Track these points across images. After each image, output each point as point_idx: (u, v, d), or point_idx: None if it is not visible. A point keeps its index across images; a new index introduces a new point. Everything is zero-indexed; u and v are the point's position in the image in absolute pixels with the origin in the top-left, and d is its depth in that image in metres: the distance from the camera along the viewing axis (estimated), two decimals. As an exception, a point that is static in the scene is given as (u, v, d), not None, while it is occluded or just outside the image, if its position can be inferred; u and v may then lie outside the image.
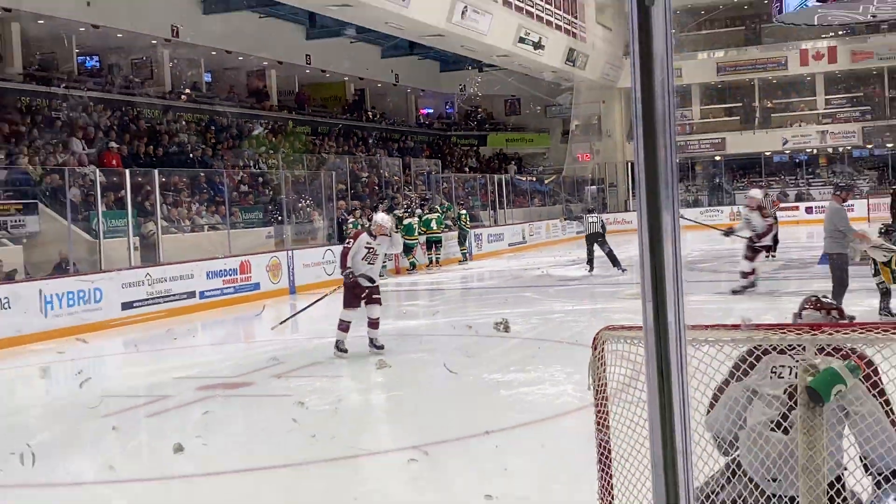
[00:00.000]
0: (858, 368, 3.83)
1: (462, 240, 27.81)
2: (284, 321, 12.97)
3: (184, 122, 27.77)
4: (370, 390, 9.80)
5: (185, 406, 9.52)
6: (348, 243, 12.01)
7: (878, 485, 4.34)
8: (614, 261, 20.86)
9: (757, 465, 4.36)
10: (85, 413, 9.20)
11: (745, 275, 16.29)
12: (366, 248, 11.77)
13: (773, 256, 21.78)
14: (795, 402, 4.38)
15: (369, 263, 11.84)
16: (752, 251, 16.34)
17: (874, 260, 12.12)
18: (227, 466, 7.20)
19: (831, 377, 3.71)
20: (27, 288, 15.10)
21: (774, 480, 4.37)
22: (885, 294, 12.27)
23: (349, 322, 11.71)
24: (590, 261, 21.74)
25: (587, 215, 23.13)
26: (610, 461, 4.21)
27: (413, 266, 24.69)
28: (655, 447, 2.23)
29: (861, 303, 12.93)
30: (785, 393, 4.37)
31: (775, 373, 4.46)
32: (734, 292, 16.11)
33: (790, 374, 4.44)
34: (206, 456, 7.40)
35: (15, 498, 6.70)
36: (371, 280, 11.92)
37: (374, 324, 11.82)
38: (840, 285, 12.28)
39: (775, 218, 20.88)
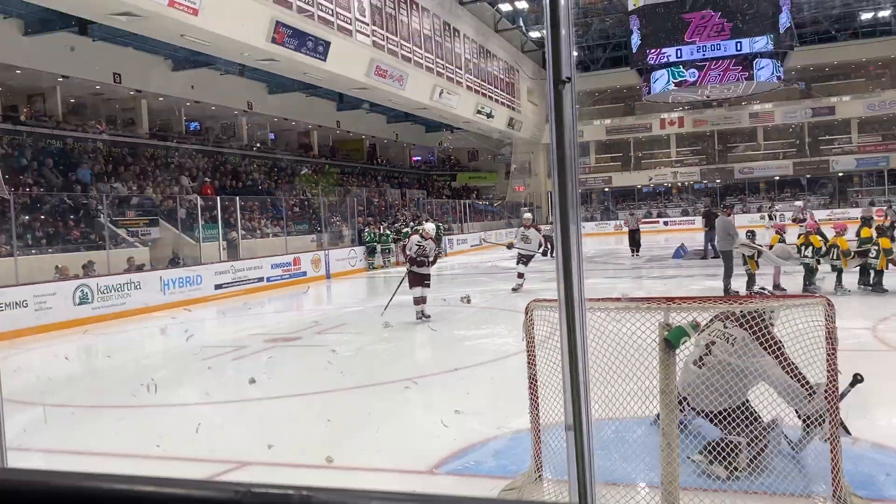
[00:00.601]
0: (698, 326, 3.85)
1: (439, 243, 27.81)
2: (385, 307, 11.57)
3: (256, 165, 27.74)
4: (379, 342, 9.78)
5: (257, 353, 9.48)
6: (405, 242, 11.56)
7: (806, 424, 4.28)
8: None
9: (683, 385, 4.40)
10: (190, 358, 9.15)
11: (520, 275, 14.83)
12: (416, 245, 10.92)
13: (638, 255, 21.88)
14: (710, 350, 4.43)
15: (419, 259, 10.99)
16: (527, 259, 15.19)
17: (744, 255, 12.28)
18: (283, 392, 7.19)
19: (680, 332, 3.73)
20: (151, 276, 15.07)
21: (687, 398, 4.42)
22: (811, 271, 12.09)
23: (419, 297, 10.90)
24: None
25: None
26: (536, 387, 4.23)
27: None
28: (566, 377, 2.24)
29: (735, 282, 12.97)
30: (705, 343, 4.44)
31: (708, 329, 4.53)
32: (513, 290, 14.41)
33: (712, 332, 4.50)
34: (270, 385, 7.39)
35: (145, 414, 6.66)
36: (423, 269, 10.98)
37: (421, 300, 10.97)
38: (729, 271, 12.38)
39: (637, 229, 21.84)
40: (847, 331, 7.78)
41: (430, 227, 11.62)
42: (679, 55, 29.58)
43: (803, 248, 12.18)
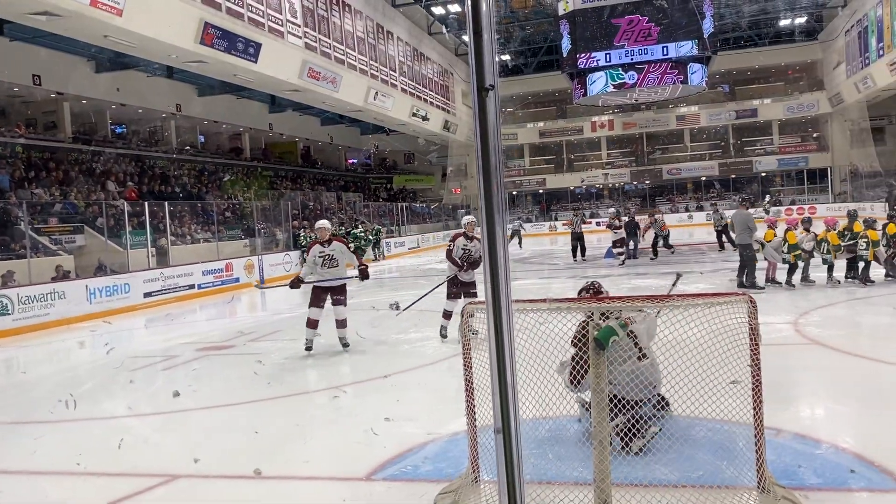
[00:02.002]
0: (626, 325, 3.92)
1: (377, 245, 27.73)
2: (408, 307, 10.36)
3: (185, 169, 27.06)
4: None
5: (188, 362, 9.21)
6: (450, 245, 9.31)
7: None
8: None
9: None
10: (114, 371, 8.84)
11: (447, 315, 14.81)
12: (463, 249, 9.26)
13: (584, 259, 21.75)
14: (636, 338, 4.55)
15: (468, 263, 9.28)
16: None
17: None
18: (210, 403, 7.01)
19: (609, 331, 3.78)
20: (76, 285, 14.52)
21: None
22: (793, 268, 12.17)
23: (451, 311, 9.11)
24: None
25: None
26: (472, 390, 4.21)
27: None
28: (494, 380, 2.23)
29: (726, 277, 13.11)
30: (631, 335, 4.59)
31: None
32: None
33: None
34: (197, 397, 7.20)
35: (65, 430, 6.38)
36: (471, 278, 9.29)
37: (447, 316, 9.29)
38: (751, 266, 12.14)
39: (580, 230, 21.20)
40: (770, 326, 8.07)
41: (470, 219, 9.63)
42: (608, 59, 30.22)
43: (782, 243, 12.34)
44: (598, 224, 41.04)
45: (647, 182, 45.22)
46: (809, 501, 3.75)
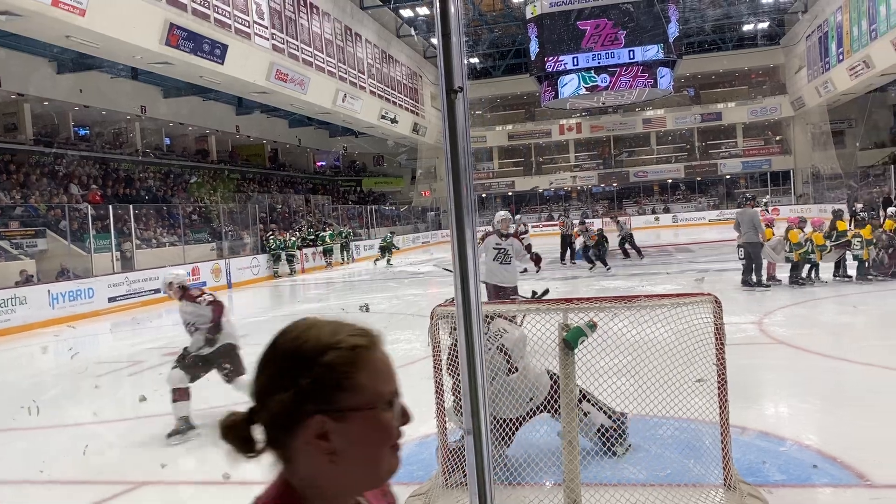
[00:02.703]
0: (594, 326, 3.94)
1: (346, 248, 27.70)
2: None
3: (150, 172, 26.68)
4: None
5: (154, 367, 9.07)
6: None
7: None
8: None
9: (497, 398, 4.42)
10: (78, 376, 8.68)
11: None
12: (495, 249, 8.21)
13: (573, 262, 21.34)
14: (507, 352, 4.45)
15: (500, 263, 8.20)
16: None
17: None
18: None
19: (578, 332, 3.79)
20: (38, 290, 14.25)
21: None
22: (794, 266, 12.25)
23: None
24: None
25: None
26: (442, 392, 4.21)
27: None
28: (464, 381, 2.23)
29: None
30: (502, 350, 4.46)
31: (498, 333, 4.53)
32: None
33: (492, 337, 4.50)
34: (164, 402, 7.09)
35: (28, 438, 6.25)
36: (508, 282, 8.21)
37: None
38: (758, 264, 12.15)
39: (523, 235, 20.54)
40: (735, 325, 8.20)
41: (504, 214, 8.60)
42: (576, 63, 30.47)
43: (784, 241, 12.49)
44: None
45: (614, 184, 45.67)
46: (774, 497, 3.82)
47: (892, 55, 26.63)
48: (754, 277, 12.21)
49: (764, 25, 40.16)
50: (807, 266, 12.36)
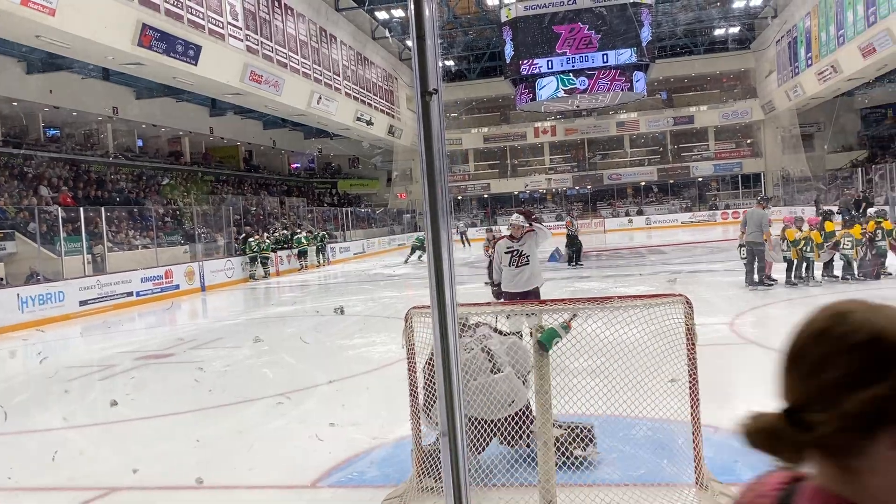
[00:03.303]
0: (568, 327, 3.96)
1: (322, 250, 27.61)
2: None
3: (122, 174, 26.35)
4: (252, 357, 9.43)
5: (126, 371, 8.96)
6: (490, 256, 7.95)
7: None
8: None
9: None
10: (47, 381, 8.55)
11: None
12: (507, 252, 7.48)
13: (580, 264, 20.93)
14: (491, 355, 4.45)
15: (517, 266, 7.43)
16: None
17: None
18: (150, 412, 6.83)
19: (552, 333, 3.82)
20: (7, 293, 14.00)
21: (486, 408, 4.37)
22: (790, 266, 12.39)
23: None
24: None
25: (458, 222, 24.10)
26: (417, 394, 4.21)
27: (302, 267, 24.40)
28: (439, 383, 2.23)
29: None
30: (486, 351, 4.45)
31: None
32: None
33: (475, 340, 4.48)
34: (136, 406, 7.02)
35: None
36: (530, 285, 7.46)
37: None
38: (761, 263, 12.21)
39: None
40: (706, 326, 8.29)
41: (517, 218, 7.63)
42: (550, 66, 30.66)
43: (781, 241, 12.60)
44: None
45: (588, 187, 45.97)
46: (745, 496, 3.85)
47: (859, 60, 27.15)
48: (756, 276, 12.31)
49: (735, 30, 40.72)
50: (804, 265, 12.52)
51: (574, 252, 19.29)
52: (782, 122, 40.74)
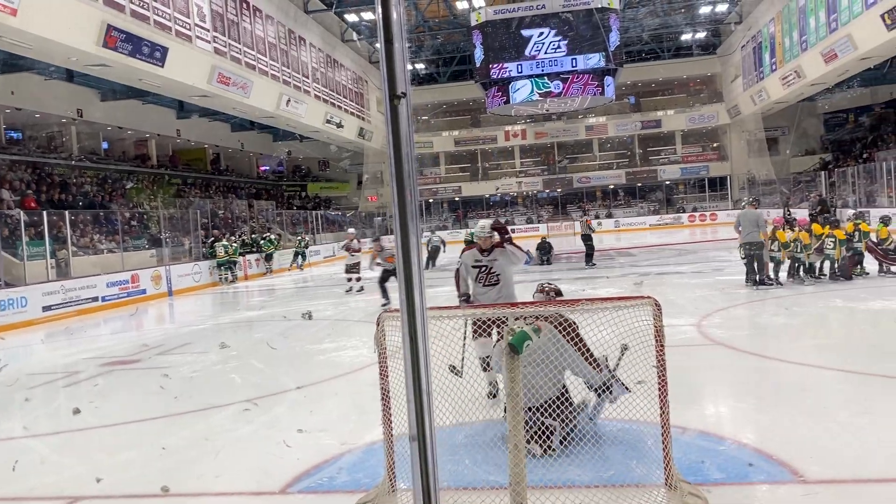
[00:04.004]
0: (539, 329, 3.98)
1: (303, 255, 27.75)
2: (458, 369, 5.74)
3: (87, 177, 25.88)
4: (218, 363, 9.31)
5: (91, 378, 8.80)
6: (373, 266, 7.54)
7: (598, 394, 4.78)
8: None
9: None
10: (7, 389, 8.35)
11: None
12: (474, 266, 6.51)
13: (593, 264, 20.72)
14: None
15: (484, 285, 6.45)
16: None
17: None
18: (114, 420, 6.70)
19: (523, 336, 3.82)
20: (-34, 298, 13.66)
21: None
22: (778, 264, 12.53)
23: (488, 356, 5.71)
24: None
25: (432, 235, 24.37)
26: (389, 398, 4.19)
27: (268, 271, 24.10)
28: (409, 387, 2.22)
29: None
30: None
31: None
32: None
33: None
34: (100, 413, 6.89)
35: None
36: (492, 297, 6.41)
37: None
38: (760, 263, 12.28)
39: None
40: (674, 328, 8.38)
41: (482, 229, 6.65)
42: (520, 70, 30.80)
43: (771, 242, 12.72)
44: (512, 231, 41.76)
45: (558, 190, 46.28)
46: (713, 496, 3.90)
47: (821, 66, 27.71)
48: (758, 276, 12.43)
49: (701, 35, 41.31)
50: (796, 265, 12.71)
51: (588, 252, 19.43)
52: (748, 126, 41.42)
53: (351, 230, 19.13)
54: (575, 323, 4.38)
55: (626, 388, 4.62)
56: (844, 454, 4.49)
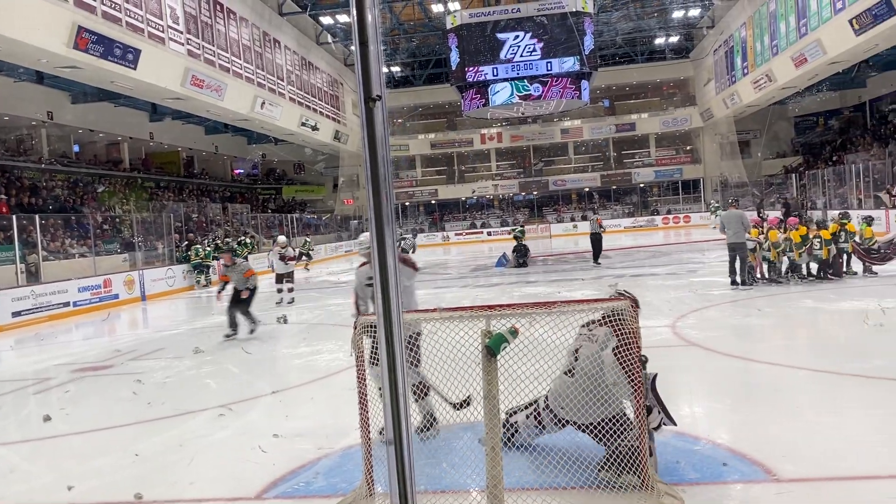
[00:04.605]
0: (516, 332, 3.98)
1: (309, 256, 28.25)
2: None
3: (58, 181, 25.48)
4: (192, 368, 9.20)
5: (63, 384, 8.65)
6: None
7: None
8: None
9: (554, 395, 4.48)
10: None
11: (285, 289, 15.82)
12: (367, 285, 6.05)
13: (598, 263, 20.42)
14: (577, 357, 4.47)
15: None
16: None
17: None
18: (86, 427, 6.61)
19: (500, 338, 3.83)
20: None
21: (562, 408, 4.46)
22: (771, 266, 12.70)
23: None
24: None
25: (410, 236, 24.55)
26: (367, 401, 4.17)
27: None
28: (385, 391, 2.21)
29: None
30: (574, 351, 4.47)
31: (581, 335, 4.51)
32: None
33: (578, 339, 4.50)
34: (72, 420, 6.78)
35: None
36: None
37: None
38: (743, 263, 12.40)
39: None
40: (649, 329, 8.44)
41: (362, 241, 6.74)
42: (496, 73, 30.91)
43: (764, 241, 12.89)
44: (489, 234, 41.89)
45: (534, 193, 46.49)
46: (688, 496, 3.94)
47: (792, 70, 28.14)
48: (739, 277, 12.60)
49: (674, 39, 41.76)
50: (784, 265, 12.92)
51: (595, 251, 19.79)
52: (720, 130, 41.93)
53: (281, 238, 17.18)
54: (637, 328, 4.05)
55: (671, 419, 4.39)
56: (816, 453, 4.56)
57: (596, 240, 19.71)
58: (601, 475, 4.15)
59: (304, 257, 28.15)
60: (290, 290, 16.18)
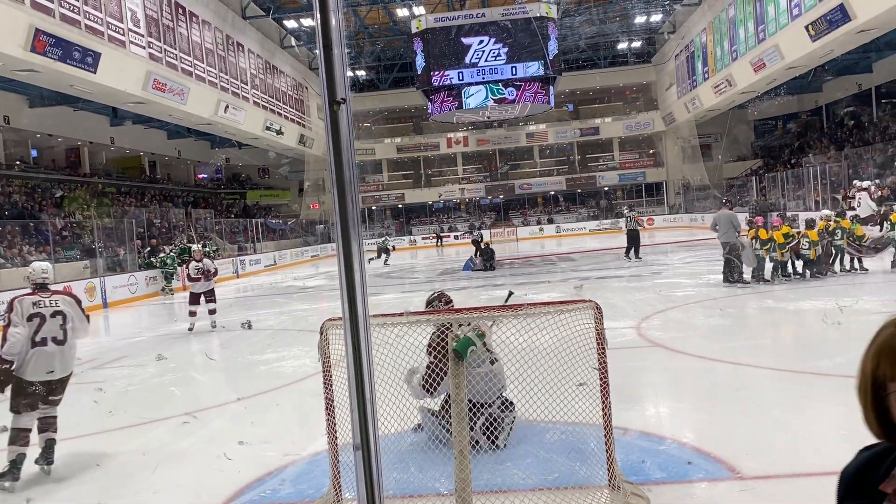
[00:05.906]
0: (483, 334, 4.00)
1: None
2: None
3: (15, 186, 24.90)
4: (155, 376, 9.05)
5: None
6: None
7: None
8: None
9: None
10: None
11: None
12: (35, 315, 5.60)
13: (639, 258, 20.61)
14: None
15: (48, 344, 5.55)
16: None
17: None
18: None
19: (467, 342, 3.84)
20: None
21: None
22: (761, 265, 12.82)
23: None
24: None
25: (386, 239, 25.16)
26: (333, 408, 4.14)
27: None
28: (352, 396, 2.20)
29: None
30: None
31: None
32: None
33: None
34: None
35: None
36: (62, 371, 5.71)
37: None
38: (730, 262, 12.50)
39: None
40: (614, 330, 8.52)
41: (36, 273, 6.10)
42: (461, 77, 30.98)
43: (753, 241, 13.02)
44: (456, 238, 41.92)
45: (501, 196, 46.70)
46: (654, 495, 3.97)
47: (751, 74, 28.70)
48: (734, 275, 12.76)
49: (636, 44, 42.31)
50: (769, 265, 13.10)
51: (634, 247, 20.22)
52: (682, 133, 42.58)
53: (195, 246, 14.40)
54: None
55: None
56: (779, 449, 4.64)
57: (633, 235, 20.30)
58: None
59: (383, 254, 27.99)
60: (212, 311, 12.89)
